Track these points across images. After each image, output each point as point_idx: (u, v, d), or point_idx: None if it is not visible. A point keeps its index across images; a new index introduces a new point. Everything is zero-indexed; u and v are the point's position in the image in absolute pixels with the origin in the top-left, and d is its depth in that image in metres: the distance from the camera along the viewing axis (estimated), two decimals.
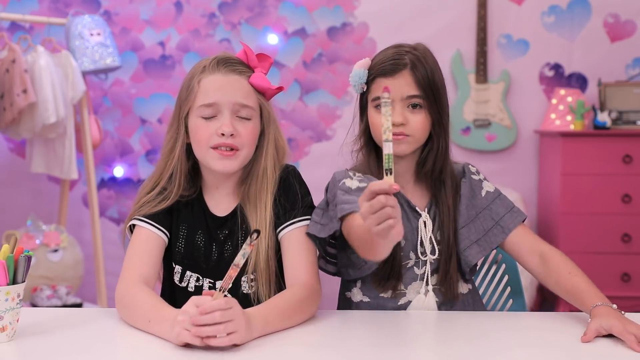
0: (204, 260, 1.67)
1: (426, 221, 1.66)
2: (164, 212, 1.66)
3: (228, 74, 1.63)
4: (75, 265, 3.65)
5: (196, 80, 1.63)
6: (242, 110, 1.62)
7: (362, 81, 1.66)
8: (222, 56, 1.66)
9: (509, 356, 1.36)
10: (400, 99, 1.61)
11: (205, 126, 1.61)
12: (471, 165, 1.76)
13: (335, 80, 4.06)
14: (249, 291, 1.66)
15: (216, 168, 1.62)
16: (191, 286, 1.67)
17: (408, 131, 1.61)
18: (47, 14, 3.91)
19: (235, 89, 1.62)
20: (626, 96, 3.81)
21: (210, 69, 1.63)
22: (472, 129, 4.01)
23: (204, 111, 1.61)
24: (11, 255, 1.36)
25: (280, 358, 1.33)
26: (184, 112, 1.64)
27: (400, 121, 1.60)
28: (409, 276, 1.67)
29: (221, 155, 1.61)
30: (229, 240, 1.67)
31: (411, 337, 1.49)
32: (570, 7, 4.02)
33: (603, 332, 1.42)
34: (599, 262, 3.69)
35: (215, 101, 1.60)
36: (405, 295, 1.67)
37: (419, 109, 1.62)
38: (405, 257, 1.66)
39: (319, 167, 3.87)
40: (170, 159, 1.66)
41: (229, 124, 1.60)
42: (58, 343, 1.39)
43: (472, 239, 1.68)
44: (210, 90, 1.61)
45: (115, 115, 4.06)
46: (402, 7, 4.02)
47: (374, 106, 1.64)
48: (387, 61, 1.63)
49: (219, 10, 4.05)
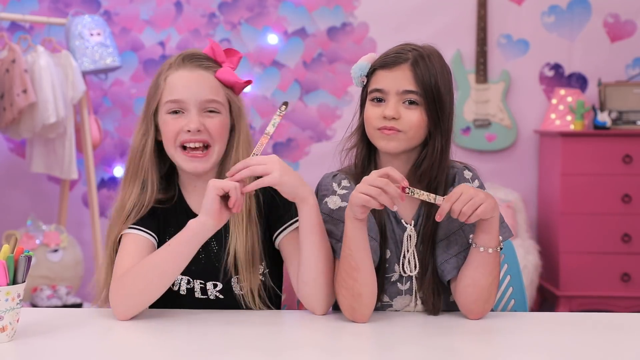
0: (192, 262, 1.62)
1: (411, 234, 1.62)
2: (149, 217, 1.63)
3: (194, 69, 1.62)
4: (75, 265, 3.65)
5: (162, 78, 1.62)
6: (209, 105, 1.61)
7: (363, 73, 1.62)
8: (188, 52, 1.65)
9: (509, 356, 1.36)
10: (395, 92, 1.57)
11: (173, 122, 1.59)
12: (469, 170, 1.68)
13: (335, 80, 4.06)
14: (241, 292, 1.64)
15: (187, 169, 1.61)
16: (183, 289, 1.65)
17: (400, 126, 1.56)
18: (47, 14, 3.91)
19: (201, 84, 1.61)
20: (626, 96, 3.81)
21: (176, 65, 1.62)
22: (472, 129, 4.01)
23: (170, 107, 1.60)
24: (11, 255, 1.36)
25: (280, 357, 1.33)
26: (152, 110, 1.63)
27: (392, 115, 1.55)
28: (393, 291, 1.63)
29: (191, 158, 1.60)
30: (213, 239, 1.63)
31: (411, 336, 1.49)
32: (570, 7, 4.02)
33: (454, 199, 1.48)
34: (599, 262, 3.69)
35: (180, 98, 1.59)
36: (392, 307, 1.64)
37: (415, 106, 1.57)
38: (390, 270, 1.62)
39: (319, 167, 3.82)
40: (141, 159, 1.63)
41: (196, 120, 1.58)
42: (58, 343, 1.38)
43: (451, 253, 1.59)
44: (176, 87, 1.60)
45: (115, 115, 4.06)
46: (402, 7, 4.02)
47: (371, 99, 1.61)
48: (390, 54, 1.61)
49: (219, 10, 4.05)
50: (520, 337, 1.48)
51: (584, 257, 3.70)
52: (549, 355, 1.35)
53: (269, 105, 4.05)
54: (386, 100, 1.58)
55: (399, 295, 1.63)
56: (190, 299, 1.65)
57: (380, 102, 1.59)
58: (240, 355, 1.33)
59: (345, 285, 1.52)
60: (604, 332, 1.50)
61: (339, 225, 1.58)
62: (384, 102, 1.59)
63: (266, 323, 1.55)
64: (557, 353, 1.36)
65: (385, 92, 1.58)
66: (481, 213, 1.47)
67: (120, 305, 1.53)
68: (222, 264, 1.63)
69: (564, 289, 3.71)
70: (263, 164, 1.49)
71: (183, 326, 1.50)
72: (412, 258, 1.62)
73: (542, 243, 3.90)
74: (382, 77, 1.59)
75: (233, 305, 1.64)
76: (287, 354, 1.36)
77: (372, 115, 1.59)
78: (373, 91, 1.60)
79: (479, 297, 1.55)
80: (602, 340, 1.44)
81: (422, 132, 1.59)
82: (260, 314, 1.61)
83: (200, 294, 1.65)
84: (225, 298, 1.65)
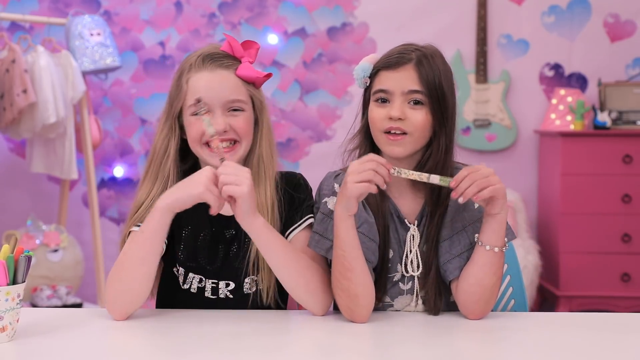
0: (207, 262, 1.65)
1: (414, 234, 1.62)
2: None
3: (215, 70, 1.62)
4: (75, 265, 3.65)
5: (184, 80, 1.62)
6: (232, 104, 1.62)
7: (366, 74, 1.62)
8: (207, 52, 1.64)
9: (509, 356, 1.36)
10: (401, 92, 1.57)
11: (198, 124, 1.60)
12: None
13: (335, 80, 4.06)
14: (250, 291, 1.66)
15: (214, 164, 1.61)
16: (194, 288, 1.66)
17: (406, 127, 1.56)
18: (47, 14, 3.91)
19: (224, 85, 1.61)
20: (626, 96, 3.81)
21: (197, 66, 1.62)
22: (472, 129, 4.01)
23: (194, 109, 1.60)
24: (11, 255, 1.36)
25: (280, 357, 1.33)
26: (176, 111, 1.64)
27: (398, 116, 1.55)
28: (395, 291, 1.63)
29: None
30: (235, 241, 1.66)
31: (411, 336, 1.49)
32: (570, 7, 4.02)
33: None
34: (599, 262, 3.69)
35: (204, 100, 1.60)
36: (393, 307, 1.65)
37: (420, 106, 1.57)
38: (392, 270, 1.62)
39: (319, 167, 3.83)
40: (165, 160, 1.64)
41: (221, 121, 1.59)
42: (58, 343, 1.38)
43: (454, 253, 1.59)
44: (199, 89, 1.60)
45: (115, 115, 4.06)
46: (402, 7, 4.02)
47: (375, 100, 1.60)
48: (393, 55, 1.60)
49: (219, 10, 4.05)
50: (520, 337, 1.48)
51: (584, 257, 3.70)
52: (549, 355, 1.35)
53: (270, 106, 4.02)
54: (391, 101, 1.58)
55: (400, 295, 1.64)
56: (199, 298, 1.66)
57: (384, 102, 1.59)
58: (240, 355, 1.33)
59: (341, 286, 1.53)
60: (604, 332, 1.50)
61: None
62: (388, 103, 1.59)
63: (267, 322, 1.55)
64: (557, 353, 1.36)
65: (390, 93, 1.58)
66: (487, 194, 1.47)
67: (112, 303, 1.53)
68: (242, 264, 1.64)
69: (564, 289, 3.71)
70: (235, 175, 1.48)
71: (182, 326, 1.50)
72: (415, 258, 1.62)
73: (542, 243, 3.90)
74: (387, 77, 1.59)
75: (241, 303, 1.66)
76: (287, 354, 1.36)
77: (377, 116, 1.59)
78: (377, 92, 1.60)
79: (481, 297, 1.55)
80: (602, 340, 1.44)
81: (427, 132, 1.59)
82: (260, 314, 1.61)
83: (211, 294, 1.66)
84: (234, 297, 1.66)
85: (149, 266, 1.53)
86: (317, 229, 1.62)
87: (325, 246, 1.59)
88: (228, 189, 1.46)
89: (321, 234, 1.60)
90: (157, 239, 1.52)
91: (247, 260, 1.63)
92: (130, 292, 1.52)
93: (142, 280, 1.53)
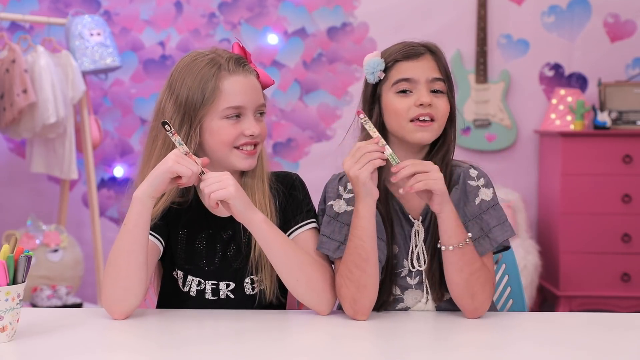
0: (205, 264, 1.66)
1: (419, 230, 1.64)
2: (160, 219, 1.63)
3: (247, 75, 1.63)
4: (75, 265, 3.65)
5: (217, 82, 1.59)
6: (260, 108, 1.65)
7: (381, 68, 1.62)
8: (235, 56, 1.65)
9: (509, 356, 1.36)
10: (425, 80, 1.60)
11: (232, 127, 1.60)
12: (474, 169, 1.67)
13: (335, 80, 4.06)
14: (252, 292, 1.66)
15: (242, 167, 1.63)
16: (193, 290, 1.67)
17: (435, 113, 1.59)
18: (47, 14, 3.91)
19: (255, 90, 1.64)
20: (626, 96, 3.81)
21: (229, 70, 1.61)
22: (472, 129, 4.01)
23: (231, 112, 1.60)
24: (11, 255, 1.36)
25: (279, 357, 1.33)
26: (202, 114, 1.60)
27: (428, 102, 1.58)
28: (402, 286, 1.65)
29: (246, 155, 1.62)
30: (232, 242, 1.67)
31: (411, 337, 1.49)
32: (570, 7, 4.02)
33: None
34: (599, 262, 3.69)
35: (242, 104, 1.61)
36: (403, 302, 1.66)
37: (441, 94, 1.61)
38: (399, 265, 1.64)
39: (319, 167, 3.87)
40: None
41: (256, 125, 1.62)
42: (58, 343, 1.39)
43: None
44: (236, 93, 1.60)
45: (115, 115, 4.06)
46: (402, 7, 4.02)
47: (396, 91, 1.60)
48: (406, 48, 1.63)
49: (219, 10, 4.05)
50: (519, 337, 1.48)
51: (584, 257, 3.70)
52: (549, 355, 1.35)
53: (269, 106, 4.02)
54: (414, 90, 1.60)
55: (409, 289, 1.65)
56: (199, 301, 1.67)
57: (405, 93, 1.60)
58: (240, 355, 1.33)
59: (352, 277, 1.54)
60: (604, 332, 1.51)
61: (343, 228, 1.61)
62: (411, 93, 1.60)
63: (267, 322, 1.55)
64: (557, 353, 1.36)
65: (414, 81, 1.60)
66: (422, 186, 1.49)
67: (108, 302, 1.54)
68: (241, 264, 1.65)
69: (564, 289, 3.71)
70: (218, 181, 1.50)
71: (183, 326, 1.50)
72: (420, 253, 1.64)
73: (542, 243, 3.90)
74: (408, 67, 1.61)
75: (242, 303, 1.66)
76: (287, 353, 1.36)
77: (402, 106, 1.60)
78: (399, 82, 1.60)
79: (460, 294, 1.57)
80: (602, 340, 1.44)
81: (446, 120, 1.63)
82: (261, 314, 1.61)
83: (211, 295, 1.67)
84: (235, 297, 1.67)
85: (137, 257, 1.52)
86: (324, 231, 1.63)
87: (332, 247, 1.61)
88: (216, 195, 1.49)
89: (328, 236, 1.62)
90: (141, 229, 1.52)
91: (249, 260, 1.64)
92: (123, 288, 1.52)
93: (134, 274, 1.52)
